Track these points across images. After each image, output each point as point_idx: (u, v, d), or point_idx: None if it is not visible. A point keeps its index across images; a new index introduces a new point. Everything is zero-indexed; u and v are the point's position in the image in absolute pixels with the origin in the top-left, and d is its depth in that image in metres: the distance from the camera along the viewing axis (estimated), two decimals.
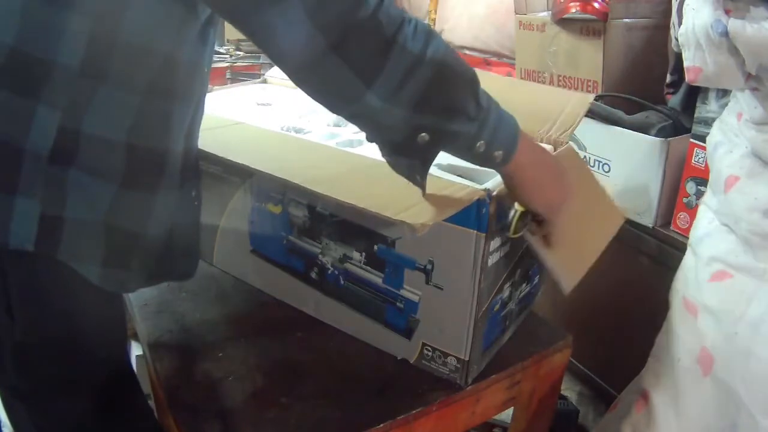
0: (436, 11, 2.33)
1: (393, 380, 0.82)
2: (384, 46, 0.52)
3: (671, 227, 1.19)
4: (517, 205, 0.71)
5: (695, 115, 1.12)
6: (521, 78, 1.62)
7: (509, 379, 0.87)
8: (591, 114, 1.26)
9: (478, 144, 0.59)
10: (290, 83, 0.58)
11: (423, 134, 0.57)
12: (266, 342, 0.88)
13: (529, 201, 0.68)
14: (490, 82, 1.09)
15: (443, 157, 0.83)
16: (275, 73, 1.23)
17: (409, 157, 0.60)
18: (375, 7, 0.51)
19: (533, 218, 0.72)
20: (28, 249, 0.57)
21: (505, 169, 0.64)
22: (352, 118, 0.58)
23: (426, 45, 0.54)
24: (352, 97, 0.54)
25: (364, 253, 0.82)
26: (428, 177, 0.73)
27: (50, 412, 0.70)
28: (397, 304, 0.82)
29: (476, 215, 0.71)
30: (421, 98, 0.55)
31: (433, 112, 0.56)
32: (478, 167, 0.81)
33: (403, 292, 0.80)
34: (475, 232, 0.71)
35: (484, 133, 0.59)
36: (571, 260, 0.81)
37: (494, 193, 0.70)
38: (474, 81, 0.59)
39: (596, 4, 1.34)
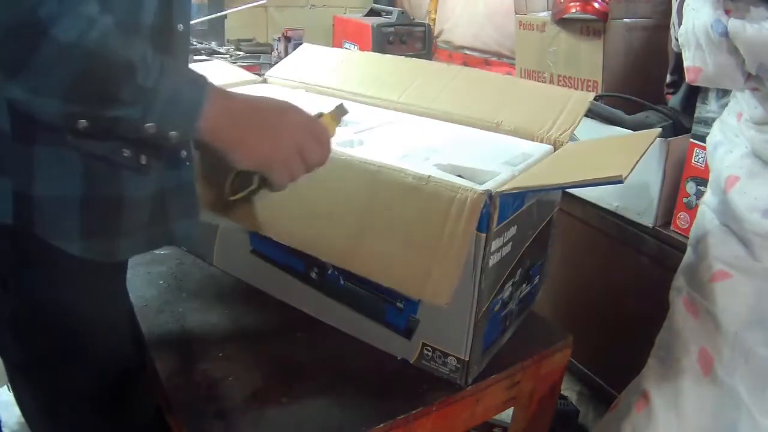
0: (436, 11, 2.33)
1: (393, 380, 0.82)
2: (35, 39, 0.50)
3: (671, 227, 1.19)
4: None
5: (695, 115, 1.12)
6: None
7: (509, 379, 0.87)
8: (591, 114, 1.26)
9: (146, 126, 0.58)
10: (291, 83, 0.58)
11: (81, 121, 0.56)
12: (266, 342, 0.88)
13: (235, 162, 0.66)
14: (489, 81, 1.10)
15: (443, 157, 0.83)
16: (275, 73, 1.23)
17: (87, 140, 0.60)
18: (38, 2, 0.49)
19: (261, 180, 0.71)
20: (8, 223, 0.59)
21: (199, 139, 0.63)
22: None
23: (79, 35, 0.52)
24: None
25: None
26: (428, 178, 0.74)
27: (51, 386, 0.70)
28: (397, 304, 0.82)
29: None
30: (70, 88, 0.54)
31: (85, 102, 0.55)
32: (478, 167, 0.81)
33: None
34: (476, 232, 0.71)
35: (150, 115, 0.57)
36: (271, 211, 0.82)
37: (494, 194, 0.70)
38: (131, 66, 0.56)
39: (596, 4, 1.34)
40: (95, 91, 0.55)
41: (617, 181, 0.61)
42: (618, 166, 0.63)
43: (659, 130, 0.89)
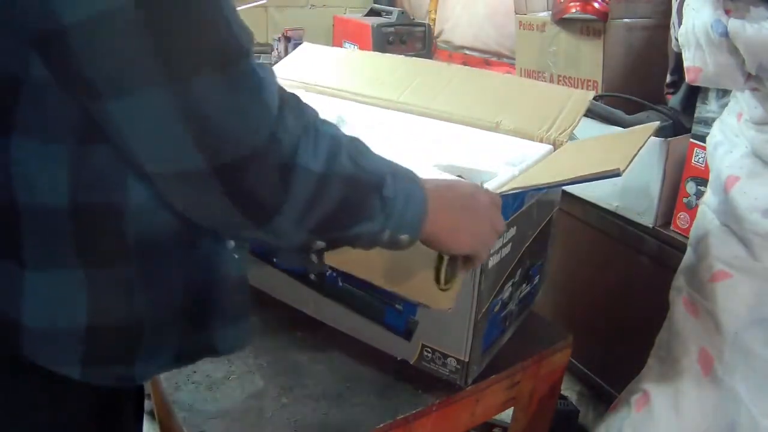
0: (436, 11, 2.33)
1: (393, 380, 0.82)
2: (282, 172, 0.45)
3: (671, 227, 1.19)
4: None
5: (695, 115, 1.12)
6: None
7: (509, 379, 0.87)
8: (591, 114, 1.26)
9: (383, 236, 0.54)
10: (291, 83, 0.58)
11: (319, 242, 0.52)
12: (266, 342, 0.88)
13: (453, 251, 0.64)
14: (489, 80, 1.10)
15: (443, 157, 0.83)
16: (275, 73, 1.23)
17: (299, 256, 0.57)
18: (275, 123, 0.44)
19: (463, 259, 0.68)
20: None
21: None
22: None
23: (329, 159, 0.47)
24: (258, 224, 0.47)
25: None
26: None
27: None
28: (396, 306, 0.82)
29: None
30: (327, 218, 0.49)
31: (337, 227, 0.51)
32: (477, 167, 0.81)
33: None
34: None
35: (389, 224, 0.53)
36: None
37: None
38: (381, 178, 0.52)
39: (596, 4, 1.34)
40: (348, 214, 0.50)
41: (615, 174, 0.61)
42: (615, 161, 0.63)
43: (656, 123, 0.89)
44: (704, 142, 1.05)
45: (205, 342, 0.55)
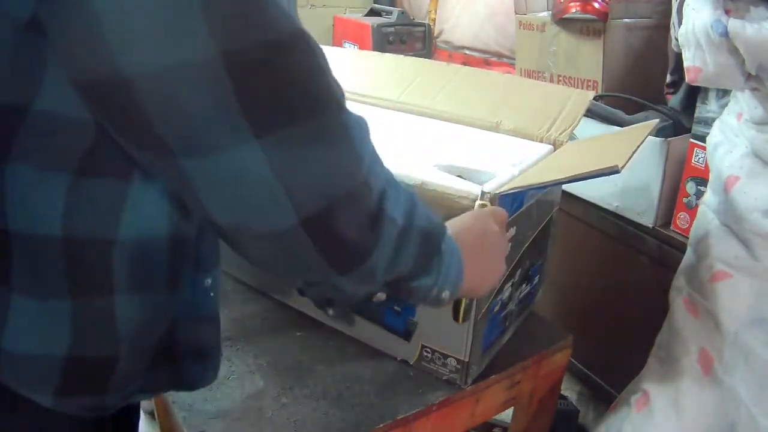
0: (436, 11, 2.33)
1: (393, 380, 0.82)
2: (372, 221, 0.44)
3: (671, 227, 1.19)
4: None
5: (695, 115, 1.12)
6: None
7: (509, 379, 0.87)
8: (591, 114, 1.26)
9: (432, 292, 0.53)
10: None
11: (381, 294, 0.52)
12: (266, 342, 0.88)
13: (478, 296, 0.64)
14: (489, 80, 1.10)
15: (443, 157, 0.83)
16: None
17: (346, 305, 0.56)
18: (367, 169, 0.42)
19: None
20: None
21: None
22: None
23: (409, 212, 0.47)
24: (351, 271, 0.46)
25: None
26: (427, 182, 0.74)
27: None
28: (395, 307, 0.82)
29: None
30: (405, 269, 0.49)
31: (405, 279, 0.51)
32: (477, 167, 0.81)
33: None
34: None
35: (439, 280, 0.53)
36: None
37: (492, 195, 0.70)
38: (440, 232, 0.52)
39: (596, 4, 1.34)
40: (418, 267, 0.50)
41: (614, 171, 0.61)
42: (614, 158, 0.63)
43: (656, 121, 0.89)
44: (704, 142, 1.05)
45: (172, 376, 0.55)
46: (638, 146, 0.71)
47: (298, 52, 0.38)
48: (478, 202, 0.70)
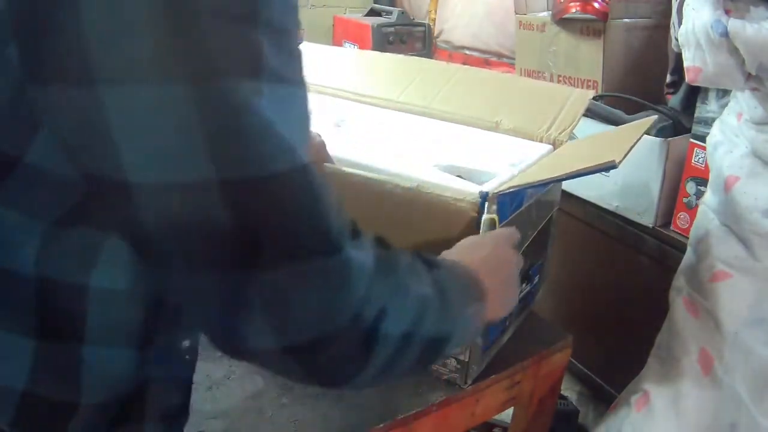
0: (436, 11, 2.33)
1: None
2: (364, 344, 0.42)
3: (671, 227, 1.19)
4: None
5: (695, 115, 1.12)
6: None
7: (509, 379, 0.87)
8: (591, 114, 1.26)
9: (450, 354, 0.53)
10: None
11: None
12: None
13: (495, 320, 0.63)
14: (489, 79, 1.10)
15: (443, 157, 0.83)
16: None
17: None
18: (360, 304, 0.40)
19: None
20: None
21: None
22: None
23: (415, 321, 0.45)
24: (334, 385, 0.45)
25: None
26: (427, 182, 0.73)
27: None
28: None
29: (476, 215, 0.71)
30: (400, 373, 0.47)
31: (404, 375, 0.49)
32: (477, 167, 0.81)
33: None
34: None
35: (447, 350, 0.51)
36: None
37: (492, 194, 0.70)
38: (451, 331, 0.49)
39: (596, 4, 1.34)
40: (419, 366, 0.49)
41: (611, 166, 0.61)
42: (612, 154, 0.64)
43: (654, 117, 0.89)
44: (704, 142, 1.05)
45: None
46: (636, 141, 0.71)
47: (297, 192, 0.37)
48: (485, 217, 0.70)
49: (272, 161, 0.36)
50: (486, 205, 0.70)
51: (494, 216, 0.70)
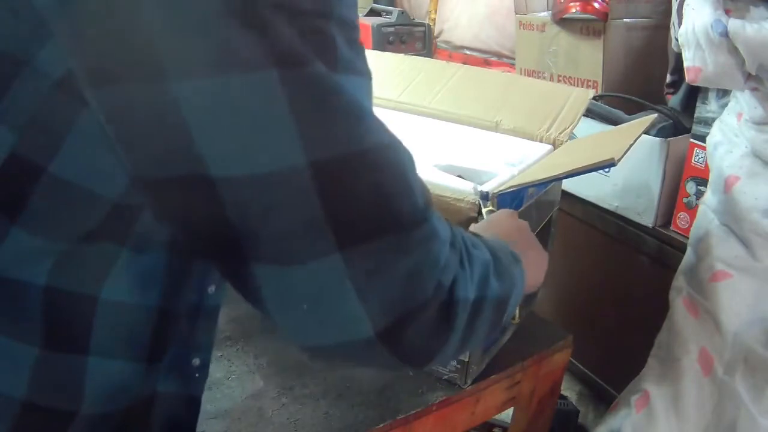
0: (436, 11, 2.33)
1: (393, 380, 0.82)
2: (445, 313, 0.42)
3: (671, 227, 1.19)
4: None
5: (695, 115, 1.12)
6: None
7: (509, 379, 0.87)
8: (591, 114, 1.26)
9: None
10: None
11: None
12: (266, 342, 0.88)
13: (533, 290, 0.63)
14: (489, 79, 1.10)
15: (443, 158, 0.83)
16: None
17: None
18: (440, 272, 0.40)
19: None
20: None
21: None
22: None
23: (481, 285, 0.45)
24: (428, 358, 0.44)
25: None
26: (426, 181, 0.73)
27: None
28: None
29: (476, 216, 0.71)
30: (477, 340, 0.48)
31: (486, 337, 0.50)
32: (477, 167, 0.81)
33: None
34: None
35: (509, 311, 0.53)
36: None
37: (492, 194, 0.70)
38: (514, 285, 0.51)
39: (596, 4, 1.34)
40: (491, 329, 0.49)
41: (610, 164, 0.61)
42: (611, 152, 0.64)
43: (653, 116, 0.89)
44: (704, 142, 1.05)
45: None
46: (635, 140, 0.71)
47: (387, 166, 0.38)
48: (485, 209, 0.70)
49: (364, 137, 0.36)
50: (486, 201, 0.70)
51: (493, 209, 0.70)
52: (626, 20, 1.36)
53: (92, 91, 0.35)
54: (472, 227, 0.64)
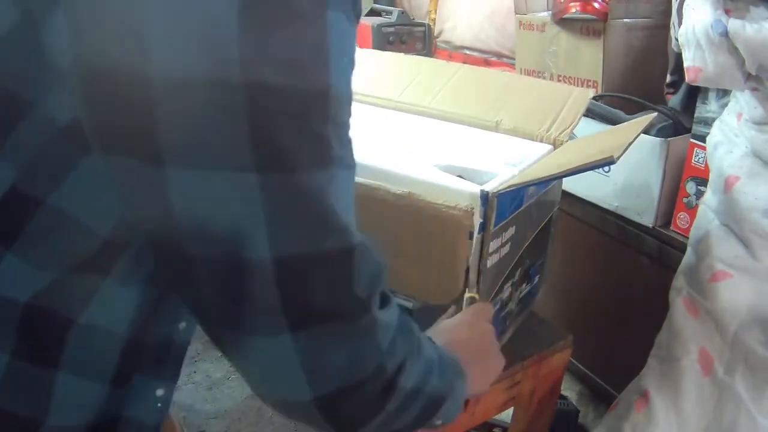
0: (436, 11, 2.33)
1: None
2: (382, 393, 0.46)
3: (671, 227, 1.19)
4: None
5: (695, 115, 1.12)
6: None
7: (509, 379, 0.87)
8: (591, 114, 1.26)
9: (431, 427, 0.56)
10: None
11: None
12: None
13: (478, 396, 0.68)
14: (489, 78, 1.10)
15: (443, 157, 0.83)
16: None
17: None
18: (384, 356, 0.45)
19: None
20: None
21: None
22: None
23: (423, 378, 0.50)
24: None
25: None
26: (427, 181, 0.74)
27: None
28: None
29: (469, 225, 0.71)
30: (403, 426, 0.51)
31: (404, 429, 0.52)
32: (478, 167, 0.81)
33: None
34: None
35: (439, 421, 0.55)
36: None
37: (492, 194, 0.70)
38: (450, 386, 0.54)
39: (596, 4, 1.34)
40: (419, 422, 0.52)
41: (610, 162, 0.61)
42: (611, 150, 0.64)
43: (653, 115, 0.90)
44: (704, 142, 1.05)
45: None
46: (634, 138, 0.71)
47: (348, 266, 0.41)
48: (466, 296, 0.72)
49: (327, 241, 0.40)
50: (468, 283, 0.72)
51: (475, 295, 0.73)
52: (626, 20, 1.36)
53: (100, 151, 0.38)
54: (433, 331, 0.66)
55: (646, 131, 1.20)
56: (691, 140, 1.13)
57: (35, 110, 0.39)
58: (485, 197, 0.70)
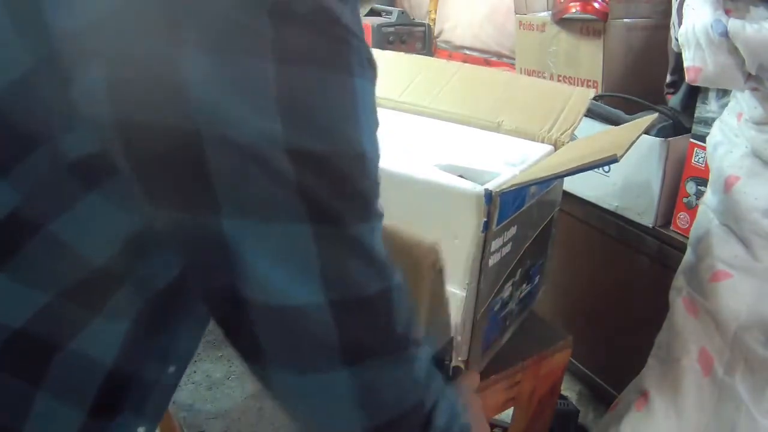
0: (436, 11, 2.33)
1: None
2: (421, 429, 0.49)
3: (671, 227, 1.19)
4: None
5: (695, 115, 1.12)
6: None
7: (509, 379, 0.87)
8: (591, 114, 1.26)
9: None
10: None
11: None
12: None
13: None
14: (490, 78, 1.10)
15: (444, 158, 0.83)
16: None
17: None
18: (423, 390, 0.48)
19: None
20: None
21: None
22: None
23: (450, 420, 0.52)
24: None
25: None
26: (427, 181, 0.73)
27: None
28: None
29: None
30: None
31: None
32: (479, 168, 0.81)
33: None
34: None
35: None
36: None
37: (495, 193, 0.70)
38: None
39: (596, 4, 1.34)
40: None
41: (613, 160, 0.61)
42: (613, 149, 0.64)
43: (654, 115, 0.90)
44: (704, 142, 1.05)
45: None
46: (637, 138, 0.71)
47: (387, 304, 0.44)
48: (452, 365, 0.71)
49: (372, 283, 0.43)
50: (453, 348, 0.70)
51: (460, 365, 0.74)
52: (626, 20, 1.36)
53: (151, 209, 0.39)
54: None
55: (646, 131, 1.20)
56: (691, 140, 1.13)
57: (49, 146, 0.40)
58: (489, 196, 0.70)
